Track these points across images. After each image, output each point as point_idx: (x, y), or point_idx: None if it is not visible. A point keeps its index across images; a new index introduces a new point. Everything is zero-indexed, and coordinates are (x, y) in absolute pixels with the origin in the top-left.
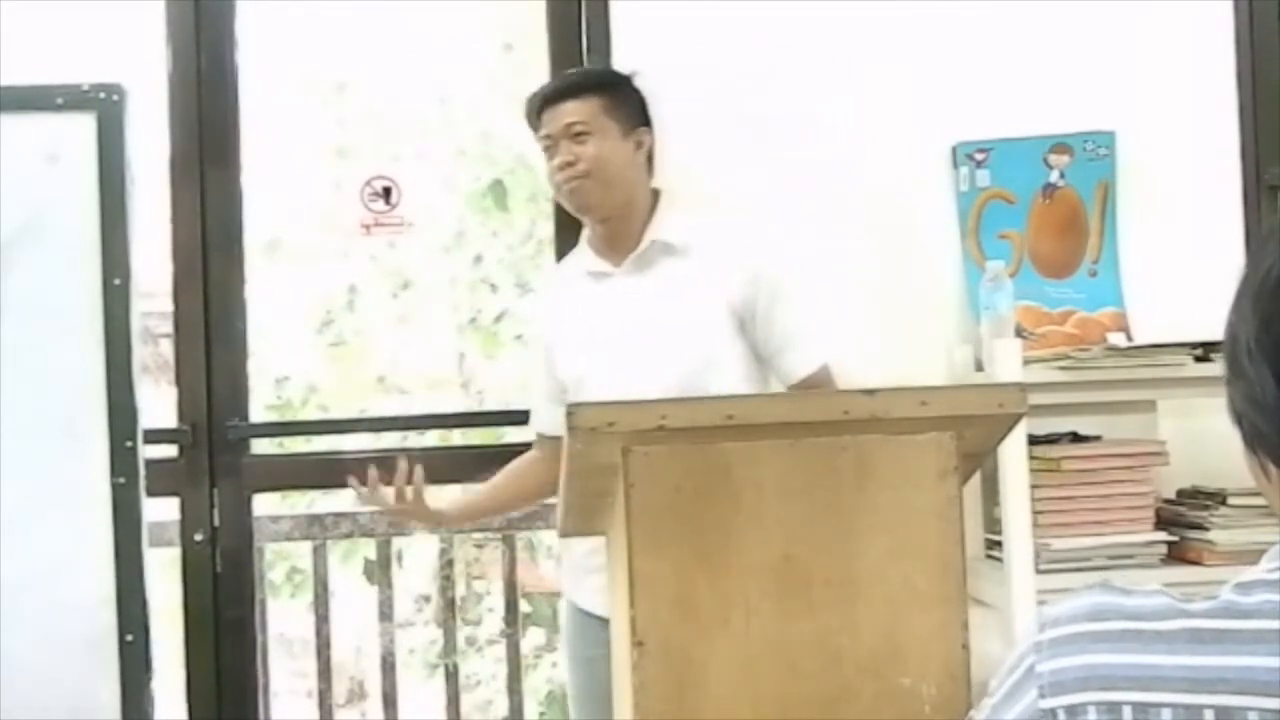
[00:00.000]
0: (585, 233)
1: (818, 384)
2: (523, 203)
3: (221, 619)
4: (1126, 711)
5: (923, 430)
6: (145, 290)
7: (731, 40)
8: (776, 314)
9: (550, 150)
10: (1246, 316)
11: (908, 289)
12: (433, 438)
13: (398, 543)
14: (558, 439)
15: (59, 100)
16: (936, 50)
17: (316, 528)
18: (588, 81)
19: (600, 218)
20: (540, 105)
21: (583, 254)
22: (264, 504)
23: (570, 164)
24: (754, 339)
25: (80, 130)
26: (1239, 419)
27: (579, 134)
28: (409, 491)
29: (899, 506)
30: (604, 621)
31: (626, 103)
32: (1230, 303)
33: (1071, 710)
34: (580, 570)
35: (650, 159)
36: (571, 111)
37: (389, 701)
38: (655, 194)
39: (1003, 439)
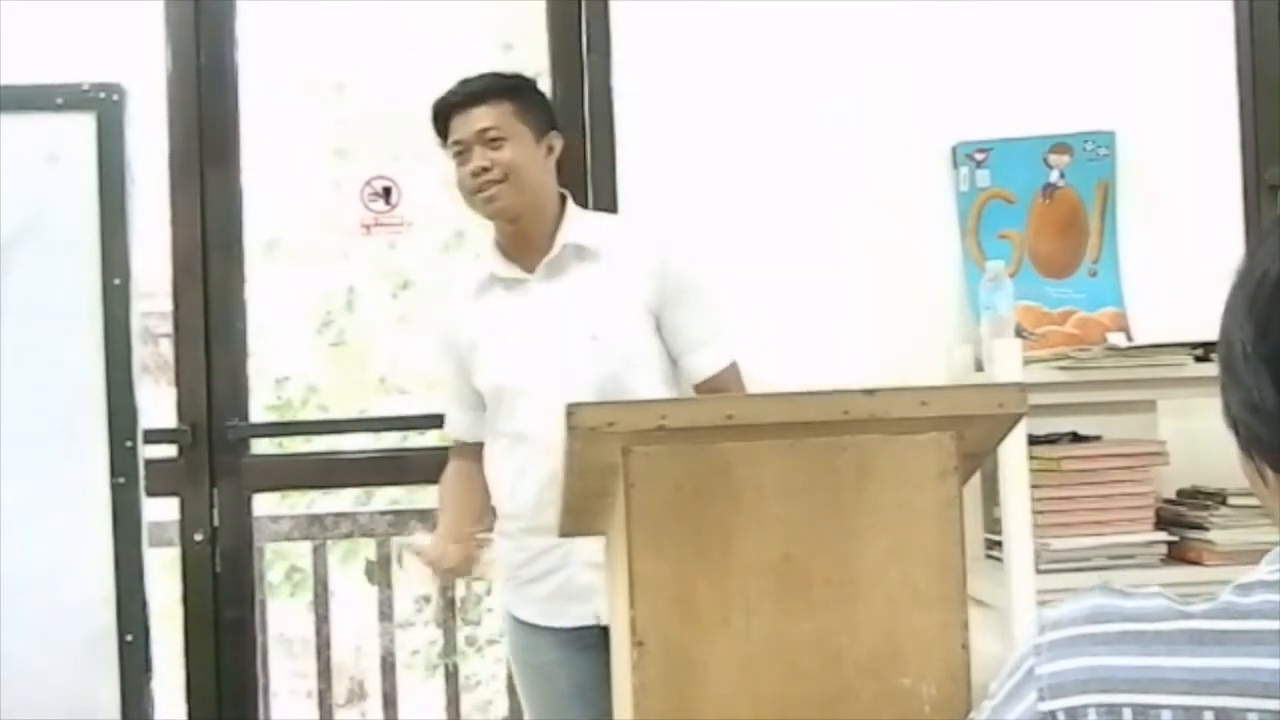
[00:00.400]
0: (491, 238)
1: (723, 383)
2: None
3: (221, 619)
4: (1126, 713)
5: (923, 430)
6: (145, 290)
7: (731, 40)
8: (681, 313)
9: (462, 156)
10: (1242, 321)
11: (908, 289)
12: (432, 438)
13: (398, 543)
14: (477, 445)
15: (59, 100)
16: (936, 50)
17: (316, 528)
18: (497, 86)
19: (512, 220)
20: (449, 111)
21: (490, 260)
22: (264, 504)
23: (486, 169)
24: (664, 338)
25: (80, 130)
26: (1235, 424)
27: (493, 139)
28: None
29: (899, 506)
30: (546, 630)
31: (536, 107)
32: (1224, 306)
33: (1071, 712)
34: (516, 582)
35: (558, 161)
36: (484, 116)
37: (389, 701)
38: (562, 197)
39: (1003, 439)
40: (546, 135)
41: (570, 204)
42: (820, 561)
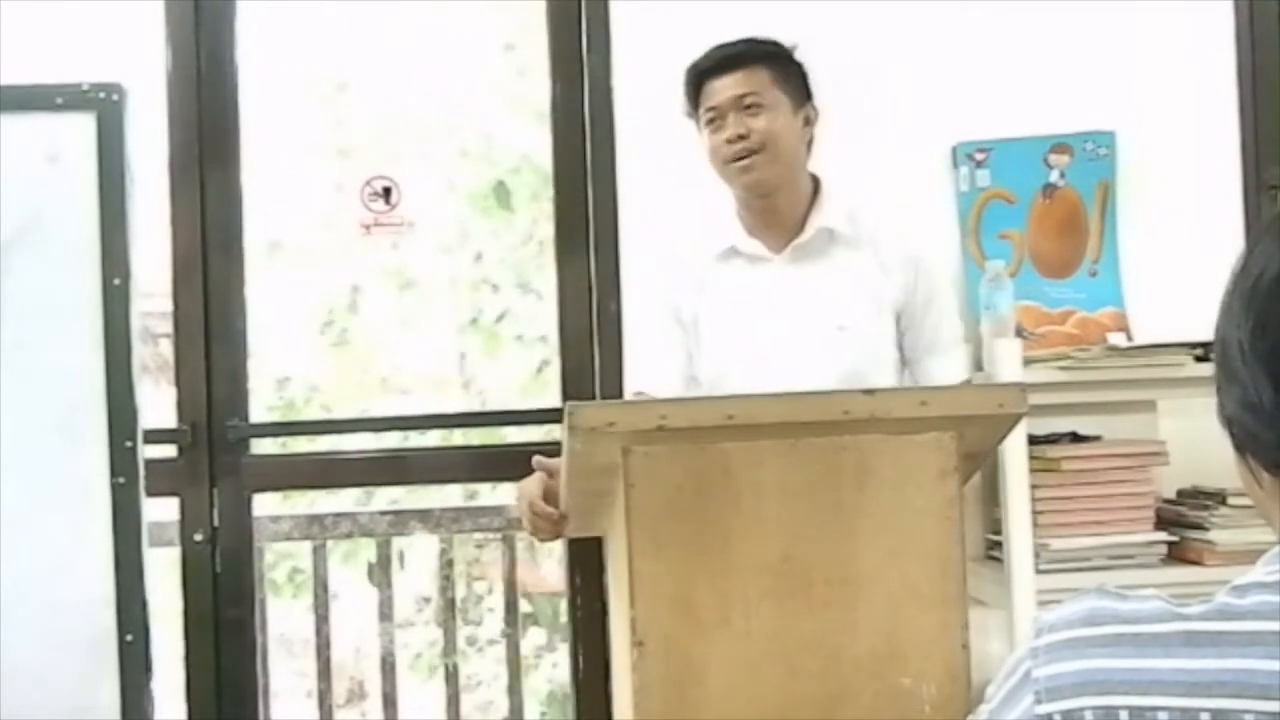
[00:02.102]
0: (734, 210)
1: None
2: (524, 202)
3: (221, 619)
4: (1123, 715)
5: (923, 430)
6: (145, 290)
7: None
8: (930, 315)
9: (716, 124)
10: (1239, 320)
11: None
12: (434, 438)
13: (398, 543)
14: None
15: (59, 100)
16: (936, 50)
17: (316, 528)
18: (756, 52)
19: (766, 194)
20: (702, 76)
21: (732, 233)
22: (264, 504)
23: (743, 137)
24: (903, 340)
25: (80, 130)
26: (1230, 424)
27: (750, 106)
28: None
29: (899, 506)
30: None
31: (794, 75)
32: (1220, 306)
33: (1068, 715)
34: None
35: (813, 138)
36: (741, 82)
37: (389, 702)
38: (815, 179)
39: (1003, 439)
40: (804, 106)
41: (824, 185)
42: (820, 561)
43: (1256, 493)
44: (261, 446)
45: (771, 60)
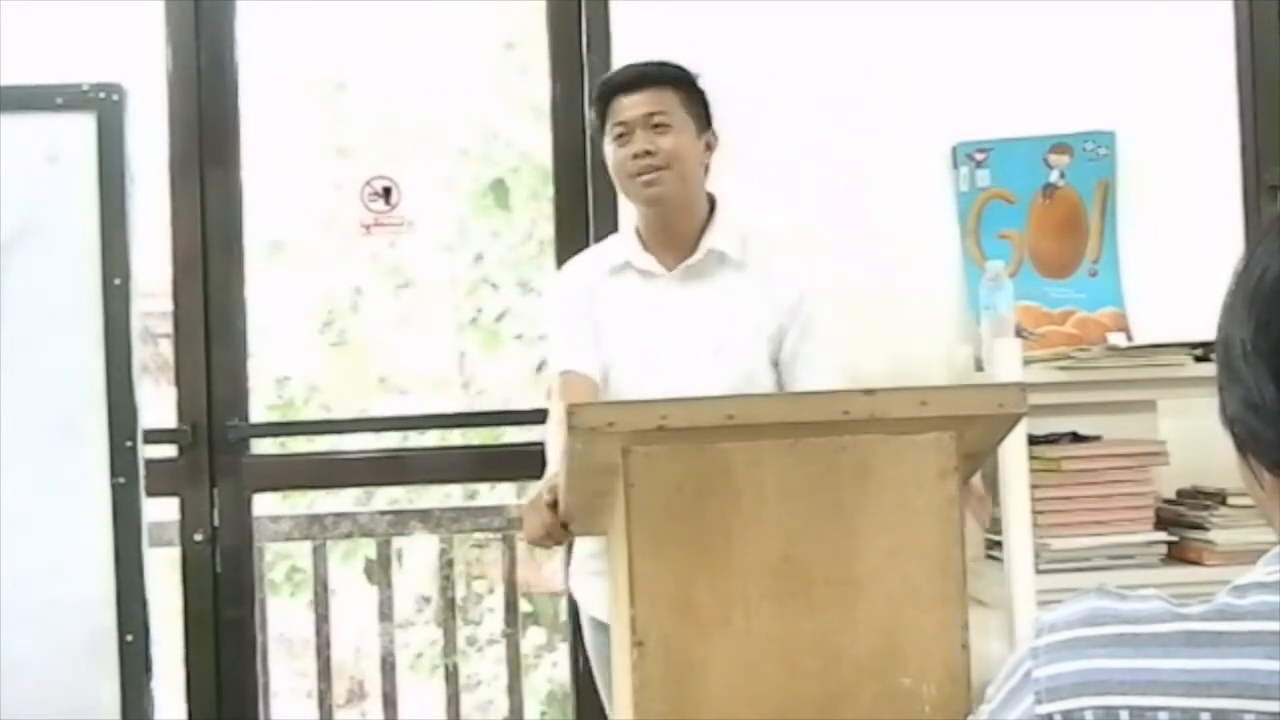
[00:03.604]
0: (634, 225)
1: None
2: (524, 202)
3: (221, 619)
4: (1124, 715)
5: (923, 430)
6: (145, 290)
7: (731, 40)
8: (803, 345)
9: (624, 139)
10: (1241, 319)
11: (908, 289)
12: (433, 437)
13: (398, 543)
14: (591, 381)
15: (59, 100)
16: (936, 50)
17: (316, 528)
18: (666, 74)
19: (666, 212)
20: (615, 91)
21: (626, 247)
22: (264, 504)
23: (650, 153)
24: (777, 363)
25: (80, 130)
26: (1232, 424)
27: (659, 125)
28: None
29: (899, 506)
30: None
31: (699, 101)
32: (1222, 306)
33: (1068, 715)
34: (584, 574)
35: (708, 166)
36: (651, 101)
37: (389, 702)
38: (712, 200)
39: (1003, 439)
40: (706, 131)
41: (720, 208)
42: (820, 561)
43: (1258, 493)
44: (261, 446)
45: (679, 84)
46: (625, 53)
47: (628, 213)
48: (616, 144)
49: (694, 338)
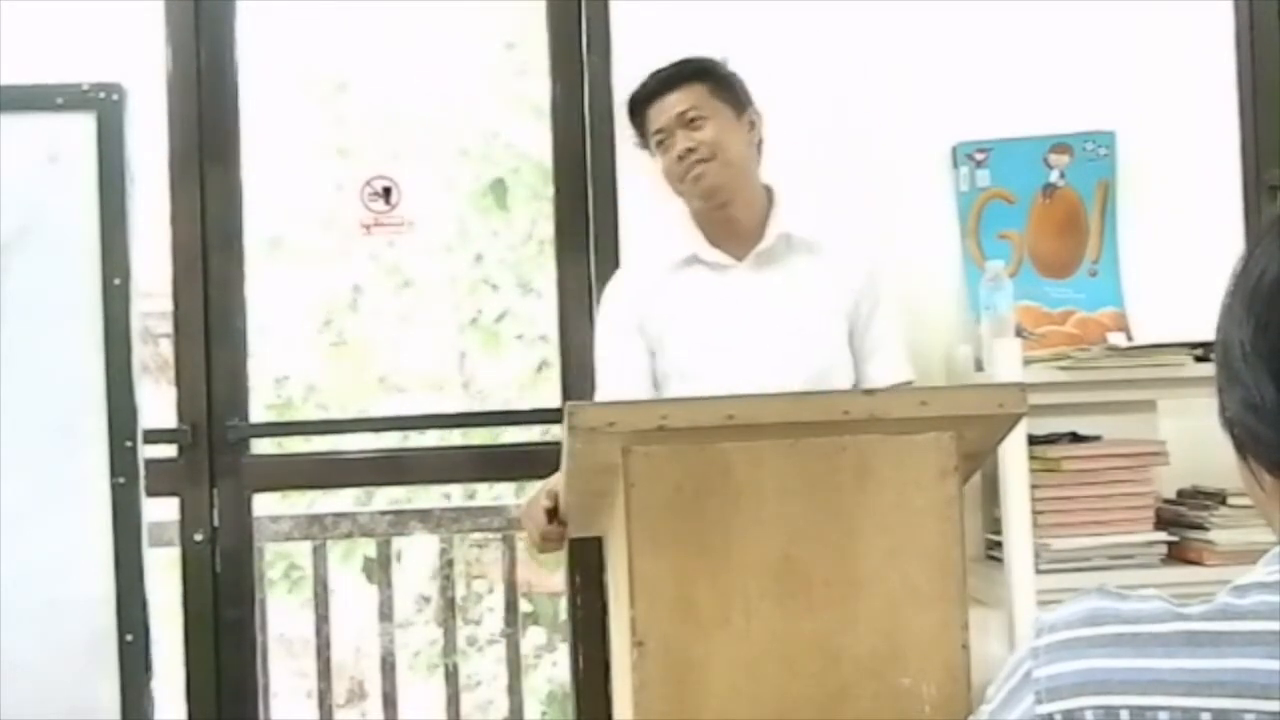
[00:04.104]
0: (691, 219)
1: None
2: (524, 202)
3: (221, 619)
4: (1124, 715)
5: (923, 430)
6: (145, 290)
7: (731, 40)
8: (876, 320)
9: (665, 144)
10: (1240, 321)
11: (908, 288)
12: (433, 437)
13: (398, 543)
14: None
15: (59, 100)
16: (936, 50)
17: (316, 527)
18: (687, 70)
19: (722, 203)
20: (643, 103)
21: (692, 242)
22: (264, 504)
23: (691, 150)
24: (850, 344)
25: (80, 130)
26: (1231, 426)
27: (693, 120)
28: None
29: (899, 506)
30: None
31: (730, 85)
32: (1220, 308)
33: (1069, 715)
34: None
35: (761, 143)
36: (680, 100)
37: (389, 701)
38: (768, 189)
39: (1003, 439)
40: (745, 111)
41: (776, 193)
42: (820, 561)
43: (1258, 494)
44: (261, 446)
45: (704, 75)
46: (625, 52)
47: (627, 212)
48: (660, 151)
49: (775, 324)
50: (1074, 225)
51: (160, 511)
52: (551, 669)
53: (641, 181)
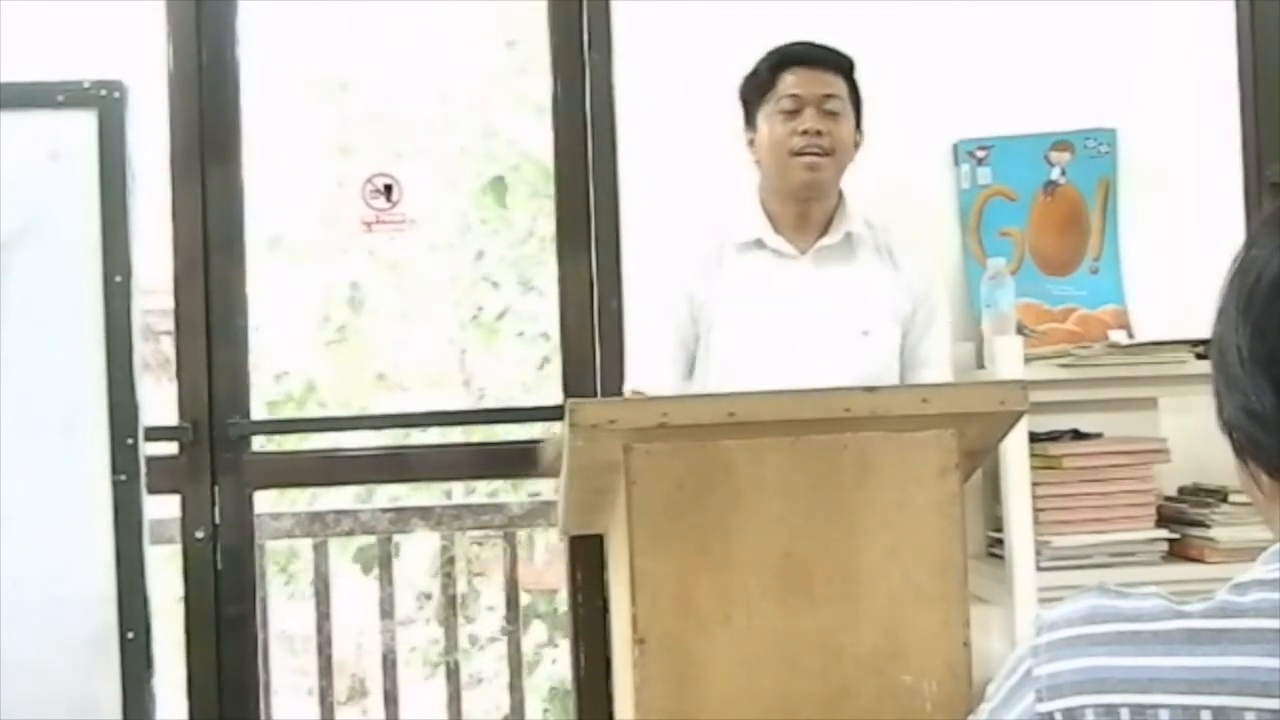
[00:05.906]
0: (758, 201)
1: None
2: (524, 200)
3: (222, 616)
4: (1124, 713)
5: (924, 428)
6: (146, 287)
7: (733, 38)
8: (931, 333)
9: (793, 113)
10: (1237, 324)
11: None
12: (434, 435)
13: (398, 540)
14: None
15: (60, 98)
16: (936, 49)
17: (317, 525)
18: (845, 62)
19: (815, 198)
20: (791, 62)
21: (757, 225)
22: (265, 501)
23: (820, 134)
24: (901, 349)
25: (81, 127)
26: (1230, 428)
27: (832, 110)
28: None
29: (900, 504)
30: None
31: (858, 97)
32: (1216, 310)
33: (1069, 713)
34: None
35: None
36: (831, 83)
37: (390, 699)
38: (839, 190)
39: (1004, 436)
40: (860, 126)
41: (845, 195)
42: (821, 559)
43: (1257, 495)
44: (262, 444)
45: (851, 75)
46: (626, 51)
47: (628, 209)
48: (782, 117)
49: (838, 321)
50: (1075, 223)
51: (161, 509)
52: (553, 666)
53: (641, 181)
